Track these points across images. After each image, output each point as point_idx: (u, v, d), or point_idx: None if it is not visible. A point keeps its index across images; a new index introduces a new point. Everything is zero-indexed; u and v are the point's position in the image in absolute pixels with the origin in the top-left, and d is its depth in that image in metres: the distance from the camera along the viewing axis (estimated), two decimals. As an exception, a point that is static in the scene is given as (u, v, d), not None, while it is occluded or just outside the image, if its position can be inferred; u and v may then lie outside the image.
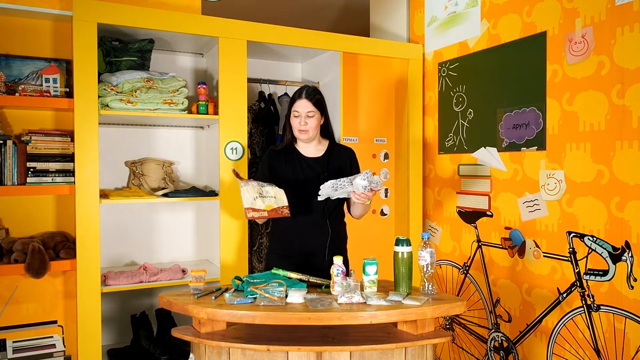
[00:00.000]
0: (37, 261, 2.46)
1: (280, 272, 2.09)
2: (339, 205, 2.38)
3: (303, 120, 2.28)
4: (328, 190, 2.15)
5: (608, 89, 2.28)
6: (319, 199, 2.19)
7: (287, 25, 2.97)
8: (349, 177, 2.13)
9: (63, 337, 2.70)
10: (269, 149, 2.44)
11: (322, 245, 2.31)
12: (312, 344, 1.77)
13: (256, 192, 2.15)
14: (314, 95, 2.30)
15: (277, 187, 2.20)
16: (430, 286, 2.01)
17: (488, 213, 2.91)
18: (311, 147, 2.38)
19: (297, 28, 2.97)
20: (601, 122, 2.31)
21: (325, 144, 2.41)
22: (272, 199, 2.16)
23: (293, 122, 2.31)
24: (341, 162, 2.39)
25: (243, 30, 2.81)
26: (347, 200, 2.42)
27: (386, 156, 3.35)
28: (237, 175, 2.22)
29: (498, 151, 2.83)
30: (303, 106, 2.28)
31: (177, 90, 2.72)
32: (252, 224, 3.17)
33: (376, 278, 2.02)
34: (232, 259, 2.78)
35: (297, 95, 2.30)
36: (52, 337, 2.62)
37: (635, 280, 2.18)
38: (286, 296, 1.89)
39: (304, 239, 2.31)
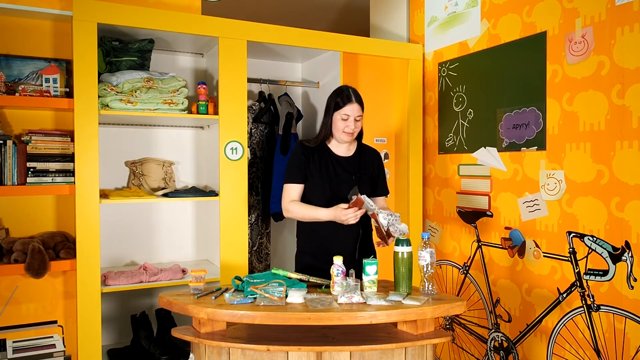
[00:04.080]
0: (37, 261, 2.46)
1: (280, 272, 2.09)
2: None
3: (353, 124, 2.31)
4: (367, 201, 2.15)
5: (608, 89, 2.28)
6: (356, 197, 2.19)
7: (287, 25, 2.97)
8: (377, 208, 2.15)
9: (63, 337, 2.70)
10: (299, 142, 2.43)
11: (352, 244, 2.32)
12: (312, 344, 1.77)
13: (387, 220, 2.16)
14: (361, 99, 2.35)
15: (391, 212, 2.19)
16: (430, 286, 2.01)
17: (488, 213, 2.91)
18: (343, 147, 2.41)
19: (297, 28, 2.97)
20: (601, 122, 2.31)
21: (354, 144, 2.45)
22: (392, 226, 2.17)
23: (340, 124, 2.32)
24: (369, 163, 2.44)
25: (243, 30, 2.81)
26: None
27: (386, 156, 3.35)
28: (356, 199, 2.13)
29: (498, 151, 2.83)
30: (355, 110, 2.31)
31: (177, 90, 2.72)
32: (252, 224, 3.17)
33: (376, 278, 2.03)
34: (232, 259, 2.78)
35: (347, 99, 2.31)
36: (52, 337, 2.61)
37: (635, 280, 2.18)
38: (286, 296, 1.89)
39: (334, 239, 2.32)
